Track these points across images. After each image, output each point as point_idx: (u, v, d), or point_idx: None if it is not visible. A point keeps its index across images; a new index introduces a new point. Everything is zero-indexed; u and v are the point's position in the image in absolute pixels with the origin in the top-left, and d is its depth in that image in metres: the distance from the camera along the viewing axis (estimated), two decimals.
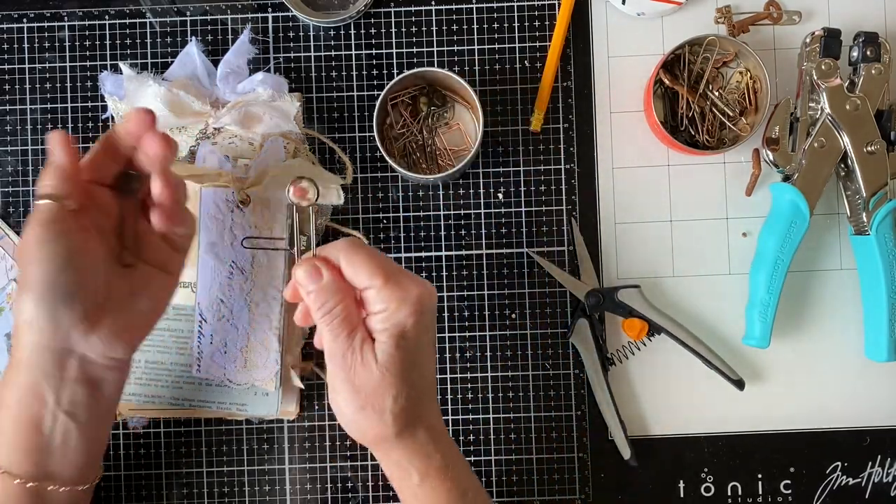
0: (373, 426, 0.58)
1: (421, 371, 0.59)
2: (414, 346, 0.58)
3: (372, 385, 0.57)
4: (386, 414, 0.57)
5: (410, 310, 0.57)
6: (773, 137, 0.72)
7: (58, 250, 0.57)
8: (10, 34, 0.76)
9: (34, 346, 0.58)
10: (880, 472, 0.75)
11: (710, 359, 0.73)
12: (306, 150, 0.74)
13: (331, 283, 0.58)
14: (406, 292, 0.57)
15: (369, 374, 0.57)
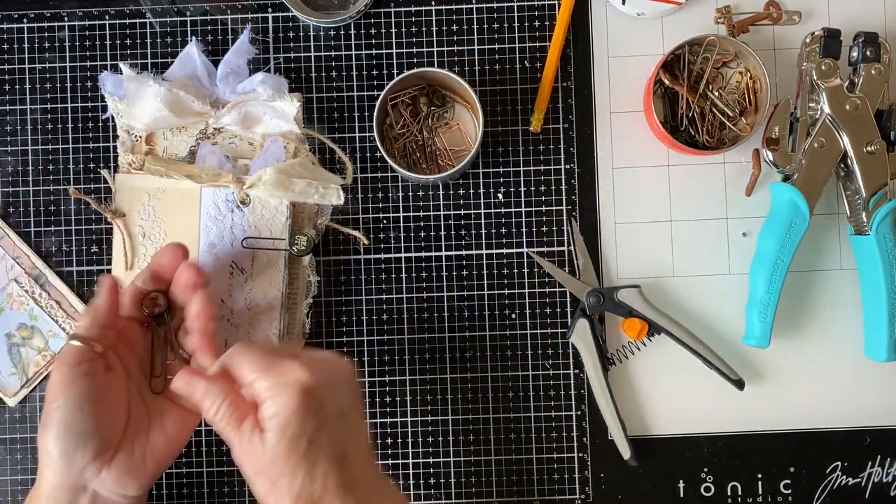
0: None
1: (323, 448, 0.59)
2: (302, 429, 0.58)
3: (268, 470, 0.58)
4: (284, 497, 0.58)
5: (290, 394, 0.58)
6: (773, 137, 0.72)
7: (78, 392, 0.61)
8: (10, 34, 0.76)
9: (50, 482, 0.62)
10: (880, 472, 0.75)
11: (710, 359, 0.73)
12: (306, 150, 0.74)
13: (206, 388, 0.61)
14: (283, 377, 0.58)
15: (263, 460, 0.58)
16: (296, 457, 0.58)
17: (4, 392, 0.75)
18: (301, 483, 0.58)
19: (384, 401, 0.75)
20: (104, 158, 0.76)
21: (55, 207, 0.76)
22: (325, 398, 0.59)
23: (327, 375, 0.60)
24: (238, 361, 0.61)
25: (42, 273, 0.75)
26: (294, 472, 0.58)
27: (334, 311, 0.75)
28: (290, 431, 0.58)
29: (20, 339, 0.75)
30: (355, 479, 0.60)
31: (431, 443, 0.75)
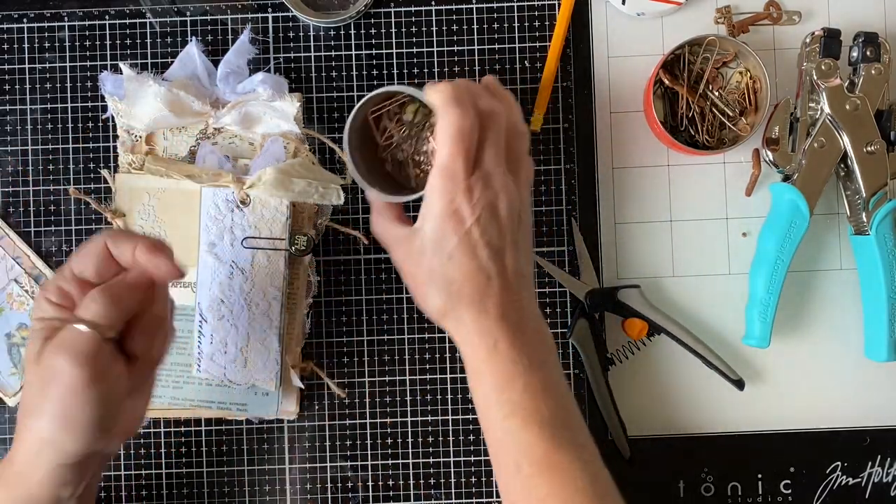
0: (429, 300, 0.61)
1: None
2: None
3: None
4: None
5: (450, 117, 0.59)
6: (773, 137, 0.72)
7: (101, 392, 0.56)
8: (10, 34, 0.76)
9: (59, 468, 0.58)
10: (880, 472, 0.75)
11: (710, 359, 0.73)
12: (306, 150, 0.74)
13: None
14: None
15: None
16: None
17: (4, 392, 0.75)
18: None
19: (384, 401, 0.75)
20: (104, 158, 0.76)
21: (55, 207, 0.76)
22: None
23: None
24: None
25: (42, 273, 0.75)
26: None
27: (334, 311, 0.75)
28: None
29: (20, 339, 0.75)
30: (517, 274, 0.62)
31: (431, 443, 0.75)
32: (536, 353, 0.60)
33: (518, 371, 0.59)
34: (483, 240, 0.59)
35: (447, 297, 0.60)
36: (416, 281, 0.62)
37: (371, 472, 0.75)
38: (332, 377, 0.75)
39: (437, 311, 0.61)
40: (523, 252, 0.62)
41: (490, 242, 0.60)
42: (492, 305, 0.60)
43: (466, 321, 0.60)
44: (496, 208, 0.60)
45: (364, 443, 0.75)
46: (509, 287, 0.60)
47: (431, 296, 0.61)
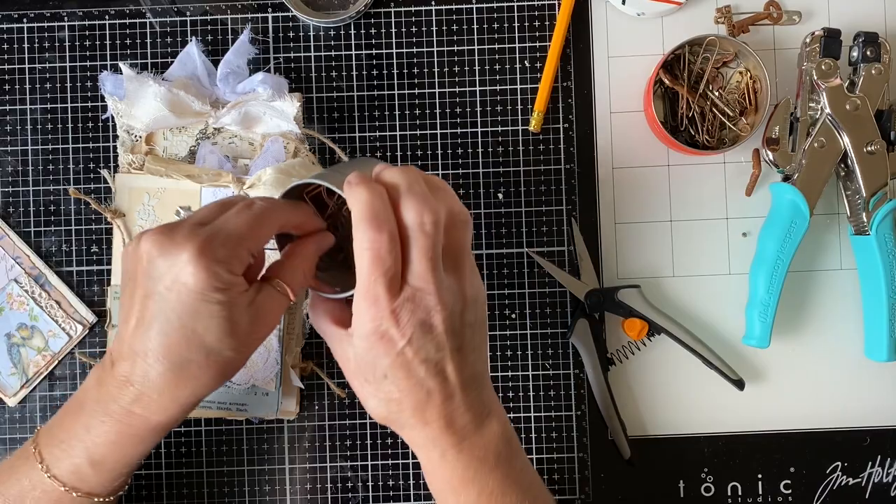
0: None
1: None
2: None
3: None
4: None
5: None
6: (773, 137, 0.72)
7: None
8: (10, 34, 0.76)
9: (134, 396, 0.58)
10: (880, 472, 0.75)
11: (710, 359, 0.73)
12: (306, 149, 0.74)
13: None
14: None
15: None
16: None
17: (4, 392, 0.75)
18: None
19: None
20: (104, 158, 0.76)
21: (55, 207, 0.76)
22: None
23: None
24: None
25: (42, 273, 0.75)
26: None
27: None
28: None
29: (20, 339, 0.75)
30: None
31: None
32: (491, 450, 0.58)
33: (469, 476, 0.57)
34: (418, 358, 0.55)
35: (386, 408, 0.57)
36: (354, 383, 0.58)
37: (371, 472, 0.75)
38: (332, 377, 0.75)
39: (379, 418, 0.59)
40: (471, 352, 0.57)
41: (427, 359, 0.55)
42: (434, 417, 0.57)
43: (409, 431, 0.58)
44: (430, 325, 0.55)
45: (364, 443, 0.75)
46: (452, 396, 0.57)
47: (371, 405, 0.58)
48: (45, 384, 0.75)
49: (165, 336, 0.56)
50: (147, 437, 0.60)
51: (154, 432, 0.60)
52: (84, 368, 0.75)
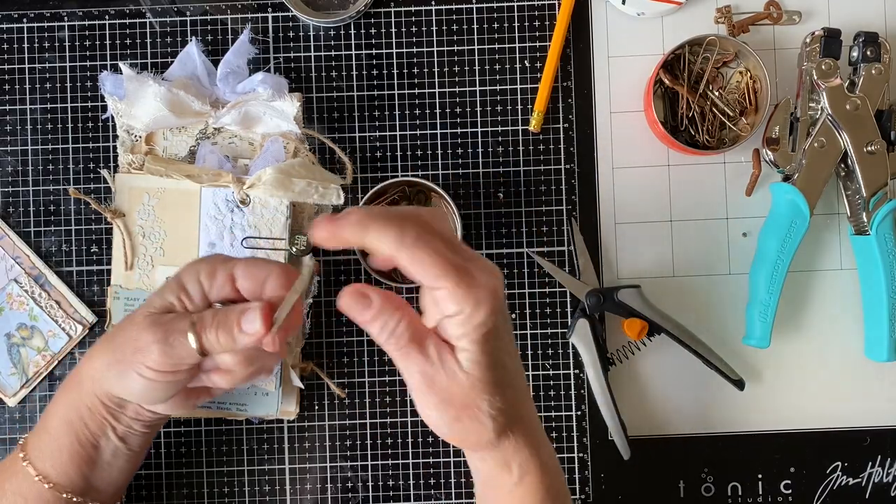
0: (471, 434, 0.54)
1: (506, 366, 0.53)
2: (499, 347, 0.52)
3: (462, 394, 0.52)
4: (484, 420, 0.53)
5: (489, 308, 0.50)
6: (773, 137, 0.72)
7: (174, 386, 0.61)
8: (10, 34, 0.76)
9: (104, 393, 0.62)
10: (880, 472, 0.75)
11: (710, 359, 0.73)
12: (306, 149, 0.74)
13: (383, 305, 0.52)
14: (482, 290, 0.50)
15: (457, 384, 0.52)
16: (495, 376, 0.52)
17: (4, 392, 0.75)
18: (500, 404, 0.52)
19: (384, 401, 0.75)
20: (104, 158, 0.76)
21: (55, 207, 0.76)
22: (505, 311, 0.53)
23: (502, 285, 0.52)
24: (420, 257, 0.49)
25: (42, 273, 0.75)
26: (493, 393, 0.52)
27: (334, 312, 0.75)
28: (489, 348, 0.51)
29: (20, 339, 0.75)
30: (527, 394, 0.57)
31: (432, 443, 0.75)
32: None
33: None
34: (517, 355, 0.57)
35: (495, 420, 0.55)
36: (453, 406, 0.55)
37: (371, 472, 0.75)
38: (332, 377, 0.75)
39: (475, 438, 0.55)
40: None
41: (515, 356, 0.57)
42: (524, 428, 0.57)
43: (500, 446, 0.56)
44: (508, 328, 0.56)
45: (364, 443, 0.75)
46: (532, 402, 0.60)
47: (477, 422, 0.54)
48: (45, 384, 0.75)
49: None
50: (69, 387, 0.63)
51: (71, 380, 0.63)
52: None
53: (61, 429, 0.62)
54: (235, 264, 0.60)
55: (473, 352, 0.51)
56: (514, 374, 0.55)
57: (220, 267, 0.60)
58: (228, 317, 0.58)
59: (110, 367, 0.60)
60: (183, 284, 0.60)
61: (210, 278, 0.60)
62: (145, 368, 0.59)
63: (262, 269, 0.59)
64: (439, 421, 0.53)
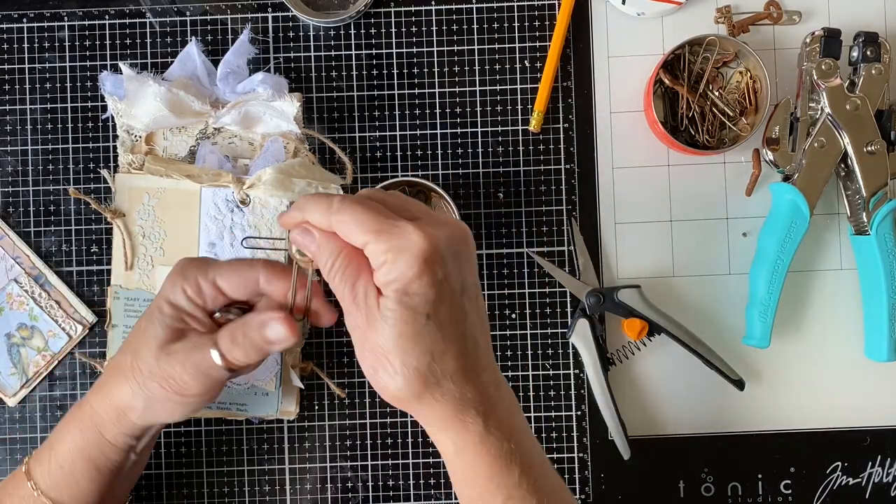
0: (387, 387, 0.54)
1: (443, 326, 0.53)
2: (424, 299, 0.52)
3: (379, 343, 0.53)
4: (397, 376, 0.53)
5: (410, 259, 0.52)
6: (773, 137, 0.72)
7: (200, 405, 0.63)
8: (10, 34, 0.76)
9: (139, 428, 0.63)
10: (880, 472, 0.75)
11: (710, 359, 0.73)
12: (306, 149, 0.74)
13: (323, 241, 0.55)
14: (403, 241, 0.52)
15: (375, 333, 0.53)
16: (412, 330, 0.52)
17: (4, 392, 0.75)
18: (416, 362, 0.52)
19: (384, 401, 0.75)
20: (104, 158, 0.76)
21: (55, 207, 0.76)
22: (447, 269, 0.53)
23: (450, 243, 0.53)
24: (344, 219, 0.54)
25: (42, 273, 0.75)
26: (408, 349, 0.52)
27: None
28: (407, 300, 0.52)
29: (20, 339, 0.75)
30: (475, 366, 0.54)
31: (431, 443, 0.75)
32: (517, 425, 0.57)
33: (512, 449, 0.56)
34: (457, 288, 0.55)
35: (423, 371, 0.55)
36: (373, 356, 0.55)
37: (371, 472, 0.75)
38: (332, 377, 0.75)
39: (404, 392, 0.55)
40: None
41: (464, 288, 0.56)
42: (477, 374, 0.56)
43: (442, 400, 0.55)
44: (456, 251, 0.56)
45: (364, 443, 0.75)
46: (488, 348, 0.58)
47: (398, 379, 0.55)
48: (45, 384, 0.75)
49: (135, 324, 0.63)
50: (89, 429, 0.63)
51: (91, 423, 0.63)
52: (84, 368, 0.75)
53: (78, 464, 0.63)
54: (216, 274, 0.61)
55: (392, 300, 0.52)
56: (448, 334, 0.53)
57: (202, 280, 0.61)
58: (249, 334, 0.60)
59: (149, 407, 0.62)
60: (178, 305, 0.61)
61: (198, 294, 0.61)
62: (192, 398, 0.61)
63: (249, 272, 0.61)
64: (364, 368, 0.55)
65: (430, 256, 0.52)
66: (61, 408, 0.75)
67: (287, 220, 0.57)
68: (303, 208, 0.56)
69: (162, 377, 0.60)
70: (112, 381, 0.62)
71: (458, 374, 0.54)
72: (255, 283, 0.61)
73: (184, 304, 0.61)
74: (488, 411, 0.55)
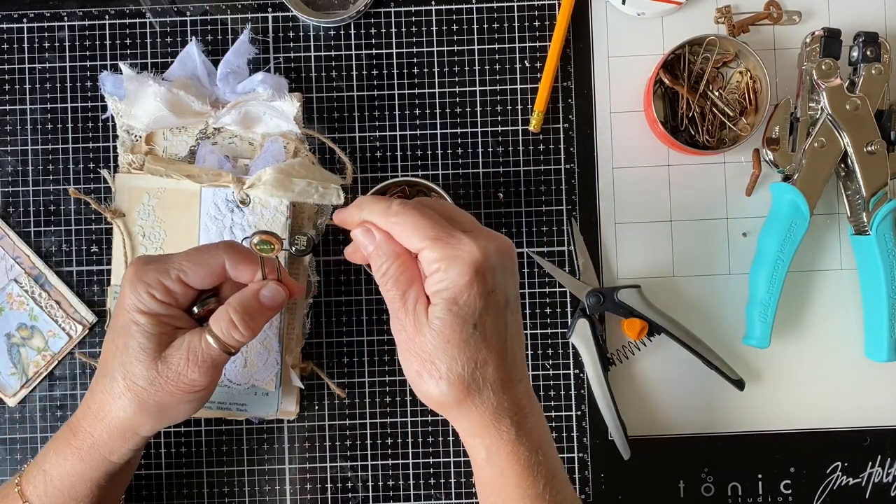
0: (430, 392, 0.56)
1: (487, 336, 0.55)
2: (472, 309, 0.54)
3: (426, 349, 0.55)
4: (441, 381, 0.55)
5: (462, 269, 0.54)
6: (773, 137, 0.72)
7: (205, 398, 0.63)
8: (10, 34, 0.76)
9: (142, 439, 0.63)
10: (880, 472, 0.75)
11: (710, 359, 0.73)
12: (306, 149, 0.74)
13: (383, 244, 0.57)
14: (457, 251, 0.54)
15: (422, 338, 0.55)
16: (459, 338, 0.54)
17: (4, 392, 0.75)
18: (461, 369, 0.54)
19: (384, 401, 0.75)
20: (104, 158, 0.76)
21: (55, 207, 0.76)
22: (495, 281, 0.55)
23: (499, 256, 0.55)
24: (403, 224, 0.56)
25: (42, 273, 0.75)
26: (454, 356, 0.54)
27: (334, 311, 0.75)
28: (457, 309, 0.54)
29: (20, 339, 0.75)
30: (513, 377, 0.56)
31: (431, 443, 0.75)
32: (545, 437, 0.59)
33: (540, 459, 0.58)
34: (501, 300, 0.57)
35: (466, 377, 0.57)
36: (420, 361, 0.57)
37: (371, 472, 0.75)
38: (332, 377, 0.75)
39: (448, 397, 0.56)
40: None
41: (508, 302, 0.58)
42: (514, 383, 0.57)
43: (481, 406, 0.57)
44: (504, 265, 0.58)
45: (364, 443, 0.75)
46: (524, 361, 0.60)
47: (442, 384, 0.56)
48: (45, 384, 0.75)
49: (106, 343, 0.62)
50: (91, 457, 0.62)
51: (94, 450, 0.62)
52: (84, 368, 0.75)
53: (79, 486, 0.62)
54: (179, 271, 0.61)
55: (441, 308, 0.54)
56: (491, 343, 0.55)
57: (166, 280, 0.61)
58: (248, 305, 0.61)
59: (161, 416, 0.62)
60: (152, 312, 0.61)
61: (167, 295, 0.61)
62: (202, 392, 0.62)
63: (213, 261, 0.62)
64: (407, 372, 0.56)
65: (481, 267, 0.54)
66: (61, 408, 0.75)
67: (346, 218, 0.59)
68: (362, 207, 0.58)
69: (168, 383, 0.60)
70: (108, 407, 0.61)
71: (497, 384, 0.55)
72: (220, 269, 0.62)
73: (158, 309, 0.61)
74: (521, 421, 0.56)
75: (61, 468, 0.62)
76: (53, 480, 0.62)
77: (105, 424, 0.61)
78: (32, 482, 0.63)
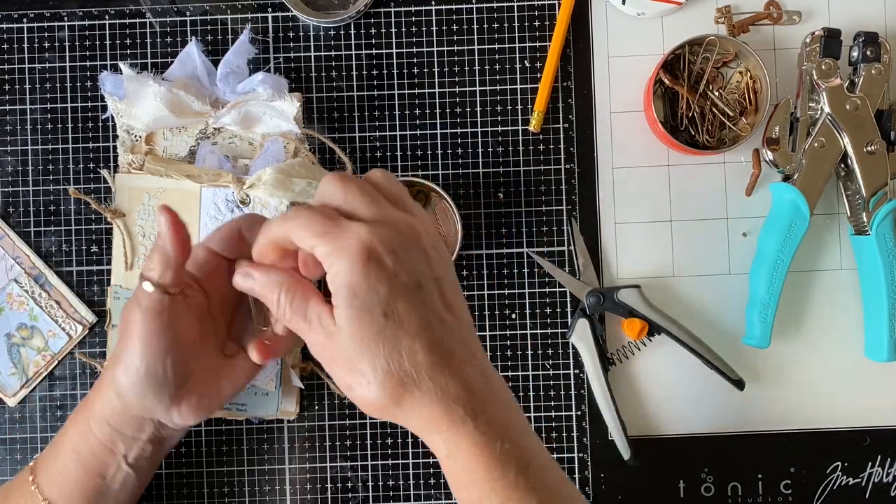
0: (366, 399, 0.52)
1: (403, 322, 0.51)
2: (375, 297, 0.50)
3: (346, 356, 0.51)
4: (371, 384, 0.51)
5: (352, 258, 0.50)
6: (773, 137, 0.72)
7: (160, 343, 0.58)
8: (10, 34, 0.76)
9: (118, 411, 0.61)
10: (880, 472, 0.75)
11: (710, 359, 0.73)
12: (306, 149, 0.74)
13: (261, 277, 0.55)
14: (343, 240, 0.50)
15: (338, 347, 0.51)
16: (371, 332, 0.50)
17: (4, 392, 0.75)
18: (385, 364, 0.50)
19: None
20: (104, 158, 0.76)
21: (55, 207, 0.76)
22: (397, 264, 0.51)
23: (397, 237, 0.52)
24: (296, 225, 0.52)
25: (42, 273, 0.75)
26: (373, 352, 0.50)
27: None
28: (359, 302, 0.50)
29: (20, 339, 0.75)
30: (452, 359, 0.52)
31: None
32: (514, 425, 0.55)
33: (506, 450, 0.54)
34: (413, 279, 0.54)
35: (394, 375, 0.53)
36: (343, 368, 0.54)
37: (371, 472, 0.75)
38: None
39: (381, 401, 0.53)
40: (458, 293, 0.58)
41: (422, 280, 0.54)
42: (451, 373, 0.53)
43: (421, 402, 0.53)
44: (412, 239, 0.55)
45: (364, 443, 0.75)
46: (466, 340, 0.56)
47: (372, 387, 0.53)
48: (45, 384, 0.75)
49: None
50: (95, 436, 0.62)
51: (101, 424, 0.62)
52: (84, 368, 0.75)
53: (69, 457, 0.63)
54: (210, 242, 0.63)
55: (343, 306, 0.51)
56: (415, 332, 0.51)
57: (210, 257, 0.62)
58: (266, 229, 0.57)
59: (119, 363, 0.60)
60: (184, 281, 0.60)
61: (203, 269, 0.62)
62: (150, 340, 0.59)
63: (228, 224, 0.63)
64: (340, 387, 0.53)
65: (373, 252, 0.50)
66: (61, 408, 0.75)
67: (259, 250, 0.57)
68: (264, 229, 0.56)
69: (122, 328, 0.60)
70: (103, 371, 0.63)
71: (433, 368, 0.51)
72: (237, 231, 0.62)
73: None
74: (477, 408, 0.52)
75: (62, 436, 0.64)
76: (56, 450, 0.63)
77: (103, 393, 0.62)
78: (44, 457, 0.64)
